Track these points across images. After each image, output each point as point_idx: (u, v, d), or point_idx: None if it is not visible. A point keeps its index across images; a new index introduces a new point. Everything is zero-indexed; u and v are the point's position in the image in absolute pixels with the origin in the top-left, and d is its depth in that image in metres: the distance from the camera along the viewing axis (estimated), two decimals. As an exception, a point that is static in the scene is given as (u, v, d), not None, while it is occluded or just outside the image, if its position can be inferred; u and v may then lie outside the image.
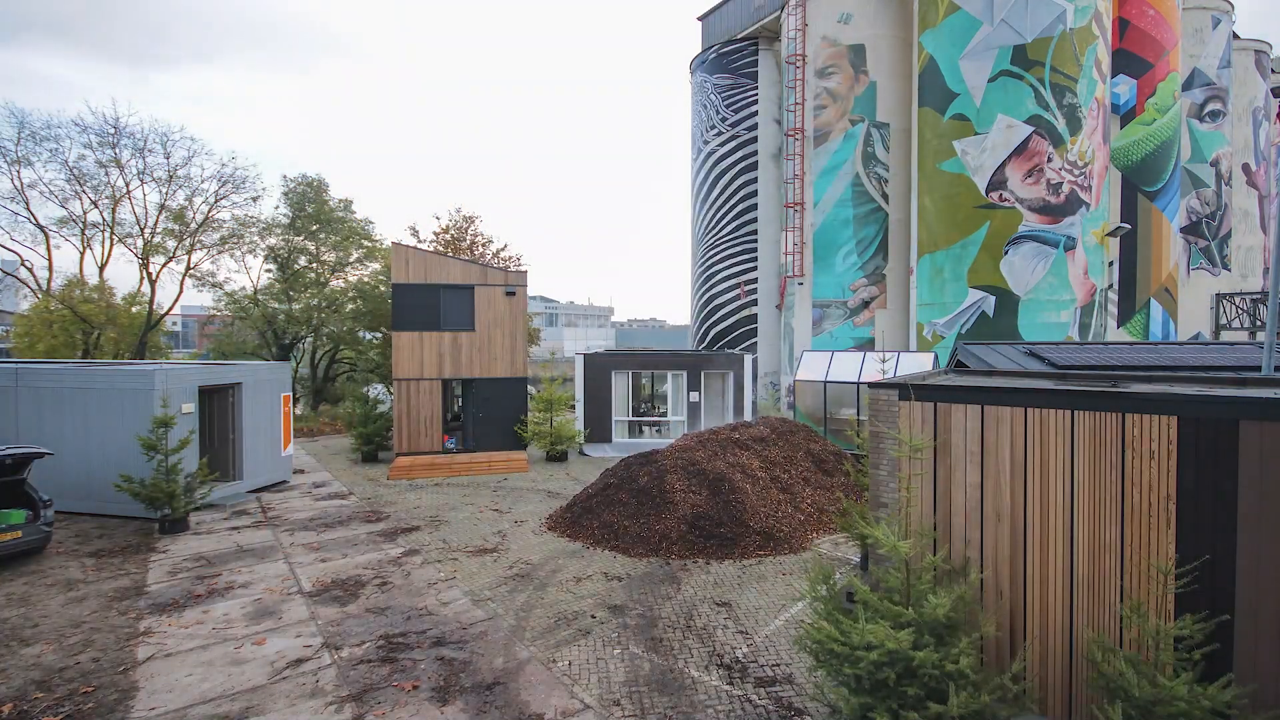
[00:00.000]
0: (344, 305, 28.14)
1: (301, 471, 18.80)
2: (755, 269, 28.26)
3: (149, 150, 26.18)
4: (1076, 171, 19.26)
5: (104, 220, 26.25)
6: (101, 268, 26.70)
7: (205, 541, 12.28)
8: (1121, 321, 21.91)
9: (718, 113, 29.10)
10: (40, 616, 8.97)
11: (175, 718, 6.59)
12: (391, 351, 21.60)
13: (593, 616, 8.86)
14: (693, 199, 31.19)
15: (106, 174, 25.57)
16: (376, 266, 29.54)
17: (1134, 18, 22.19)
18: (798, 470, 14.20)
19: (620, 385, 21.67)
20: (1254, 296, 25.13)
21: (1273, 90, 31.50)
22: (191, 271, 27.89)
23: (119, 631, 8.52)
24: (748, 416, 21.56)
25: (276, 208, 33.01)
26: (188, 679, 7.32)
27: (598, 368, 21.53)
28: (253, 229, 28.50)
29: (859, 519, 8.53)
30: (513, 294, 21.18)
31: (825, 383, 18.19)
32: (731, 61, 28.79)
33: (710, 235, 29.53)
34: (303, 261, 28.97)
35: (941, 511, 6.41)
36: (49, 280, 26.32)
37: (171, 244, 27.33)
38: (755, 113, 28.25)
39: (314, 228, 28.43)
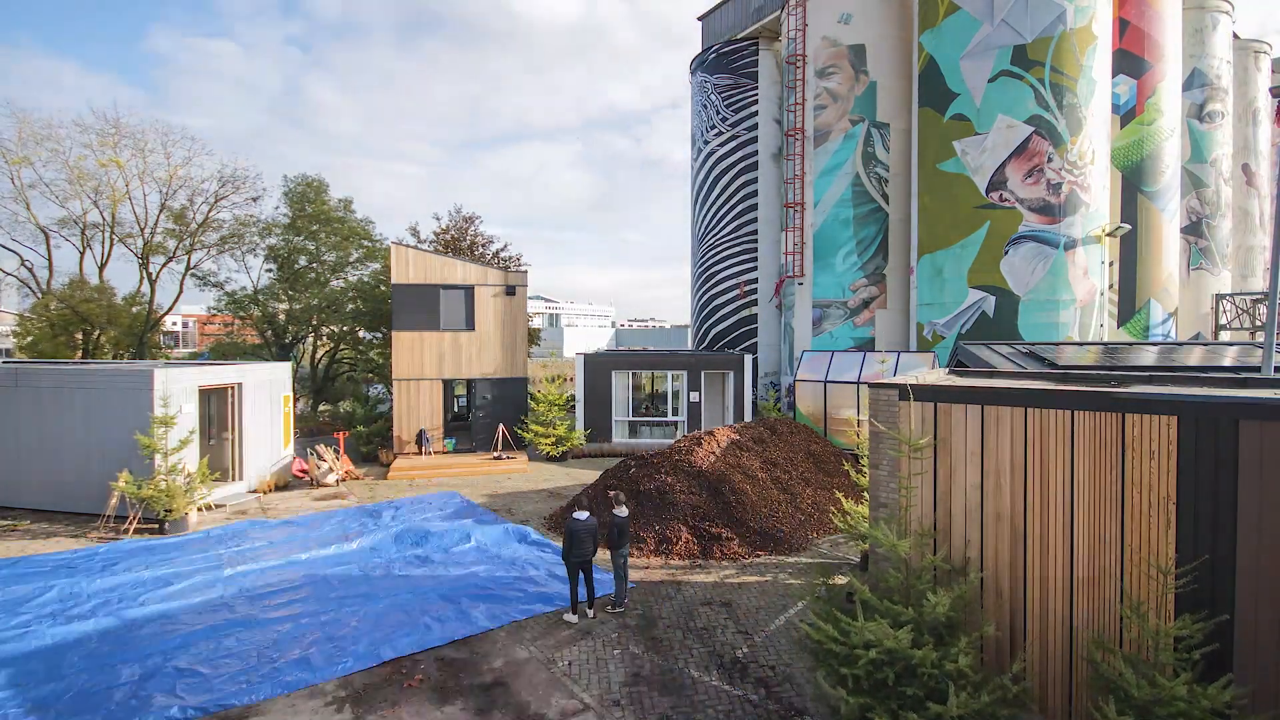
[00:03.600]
0: (344, 305, 28.12)
1: (301, 471, 18.76)
2: (755, 269, 28.22)
3: (149, 150, 26.20)
4: (1076, 171, 19.26)
5: (104, 220, 26.25)
6: (101, 268, 26.69)
7: (205, 541, 12.27)
8: (1121, 321, 21.88)
9: (718, 113, 29.08)
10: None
11: None
12: (391, 351, 21.60)
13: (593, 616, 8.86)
14: (692, 199, 31.17)
15: (107, 174, 25.56)
16: (376, 266, 29.52)
17: (1134, 18, 22.16)
18: (798, 470, 14.20)
19: (621, 385, 21.67)
20: (1254, 296, 25.11)
21: (1272, 90, 31.46)
22: (192, 271, 27.89)
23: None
24: (748, 416, 21.56)
25: (276, 208, 33.01)
26: (188, 679, 7.31)
27: (598, 368, 21.52)
28: (253, 229, 28.51)
29: (859, 519, 8.52)
30: (512, 293, 21.17)
31: (825, 383, 18.19)
32: (731, 61, 28.76)
33: (710, 235, 29.51)
34: (303, 261, 28.94)
35: (941, 511, 6.41)
36: (49, 280, 26.31)
37: (171, 244, 27.33)
38: (755, 113, 28.22)
39: (314, 228, 28.42)
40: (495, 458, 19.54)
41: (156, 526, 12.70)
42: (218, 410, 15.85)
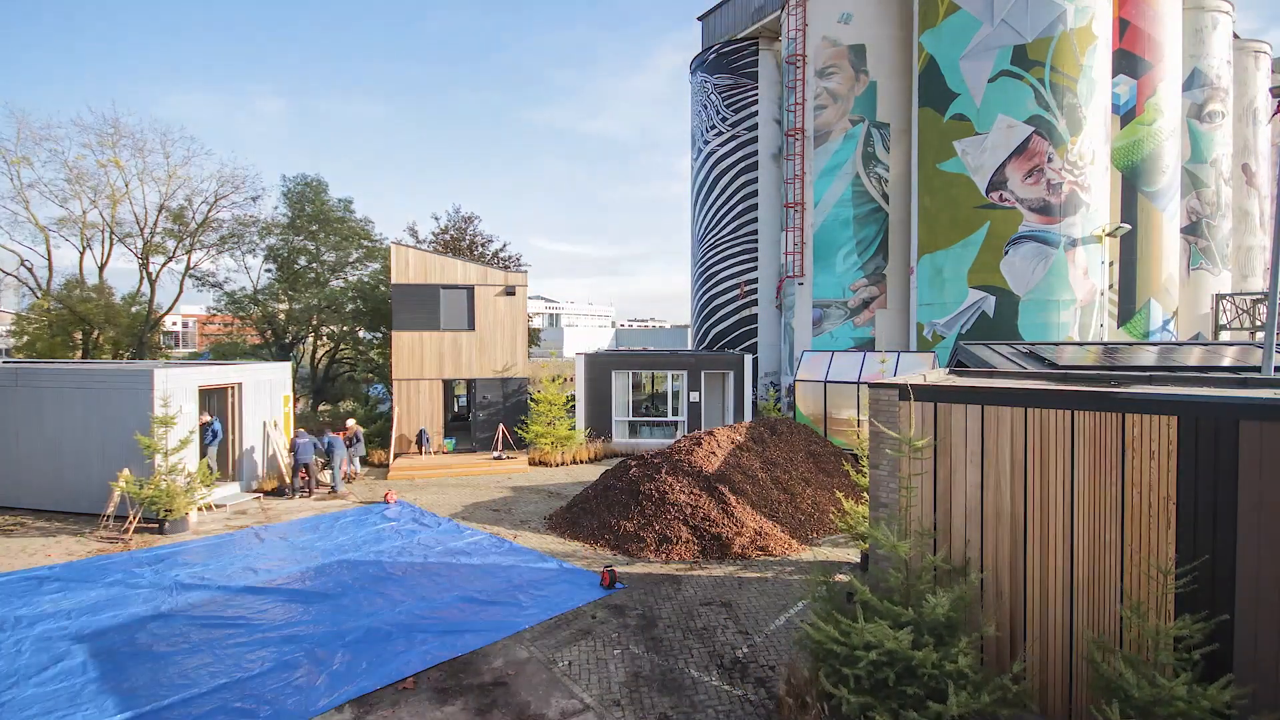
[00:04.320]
0: (344, 305, 28.11)
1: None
2: (755, 269, 28.24)
3: (148, 150, 26.18)
4: (1076, 171, 19.26)
5: (103, 220, 26.24)
6: (101, 268, 26.67)
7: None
8: (1121, 321, 21.88)
9: (718, 113, 29.08)
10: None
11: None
12: (391, 351, 21.62)
13: (593, 617, 8.86)
14: (693, 199, 31.17)
15: (106, 173, 25.56)
16: (376, 266, 29.52)
17: (1134, 18, 22.16)
18: (798, 470, 14.20)
19: (621, 385, 21.67)
20: (1254, 296, 25.12)
21: (1272, 90, 31.44)
22: (191, 271, 27.88)
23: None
24: (748, 416, 21.56)
25: (276, 208, 33.03)
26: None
27: (599, 367, 21.52)
28: (252, 229, 28.49)
29: (859, 519, 8.52)
30: (512, 294, 21.16)
31: (825, 383, 18.19)
32: (731, 61, 28.77)
33: (710, 235, 29.52)
34: (303, 261, 28.93)
35: (941, 511, 6.41)
36: (48, 280, 26.30)
37: (171, 244, 27.32)
38: (755, 113, 28.22)
39: (313, 228, 28.41)
40: (495, 457, 19.54)
41: (156, 526, 12.71)
42: (218, 410, 15.85)
